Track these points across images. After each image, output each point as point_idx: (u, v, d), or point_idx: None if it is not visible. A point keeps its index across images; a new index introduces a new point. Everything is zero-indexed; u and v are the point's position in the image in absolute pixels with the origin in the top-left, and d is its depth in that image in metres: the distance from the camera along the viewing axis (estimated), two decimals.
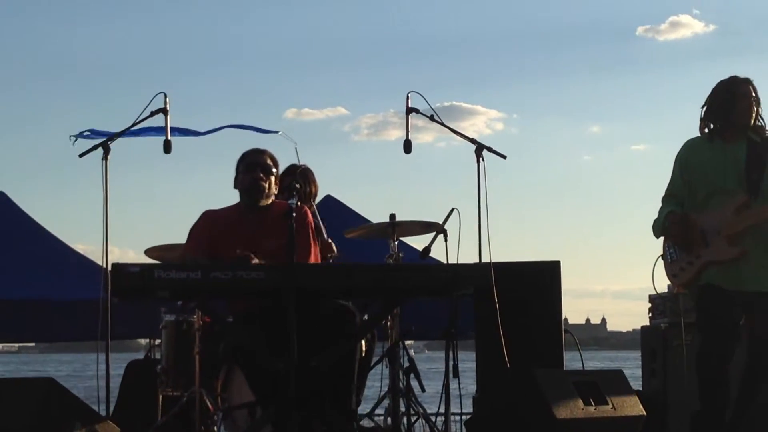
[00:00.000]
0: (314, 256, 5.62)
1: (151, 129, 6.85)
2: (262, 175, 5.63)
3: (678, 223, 5.79)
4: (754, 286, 5.65)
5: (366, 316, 6.24)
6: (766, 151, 5.73)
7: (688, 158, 5.89)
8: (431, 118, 6.47)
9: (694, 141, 5.93)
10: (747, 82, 5.82)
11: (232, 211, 5.72)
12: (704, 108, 5.87)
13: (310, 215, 5.74)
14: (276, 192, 5.75)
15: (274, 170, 5.70)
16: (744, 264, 5.64)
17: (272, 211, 5.61)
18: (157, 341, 7.14)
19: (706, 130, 5.85)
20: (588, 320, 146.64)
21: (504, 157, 6.38)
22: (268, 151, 5.77)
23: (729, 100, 5.78)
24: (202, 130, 7.77)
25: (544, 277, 7.03)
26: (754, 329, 5.68)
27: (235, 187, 5.73)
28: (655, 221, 5.95)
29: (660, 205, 5.98)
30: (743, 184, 5.71)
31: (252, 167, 5.65)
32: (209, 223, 5.65)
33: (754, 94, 5.79)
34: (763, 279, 5.66)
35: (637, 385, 8.25)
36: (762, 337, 5.66)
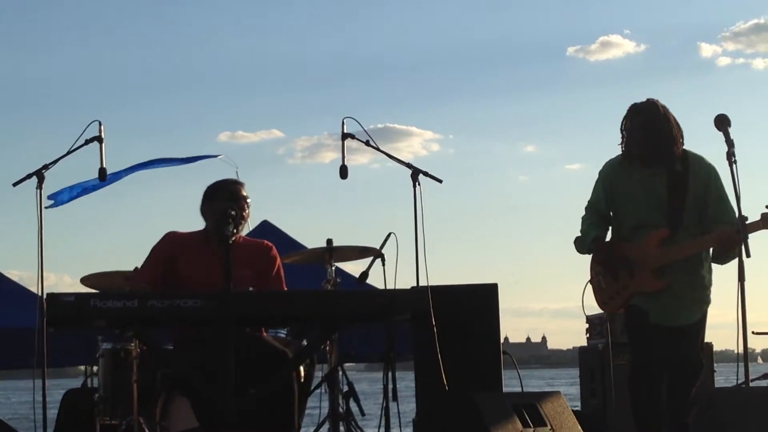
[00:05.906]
0: None
1: (89, 186, 6.86)
2: (244, 206, 5.58)
3: (604, 251, 5.84)
4: (678, 321, 5.68)
5: (304, 341, 6.23)
6: (687, 181, 5.74)
7: (612, 182, 5.88)
8: (366, 143, 6.48)
9: (615, 161, 5.91)
10: (641, 111, 5.76)
11: (199, 237, 5.67)
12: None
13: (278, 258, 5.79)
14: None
15: (249, 201, 5.67)
16: (668, 298, 5.68)
17: (238, 243, 5.51)
18: (95, 368, 7.07)
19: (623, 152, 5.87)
20: (528, 339, 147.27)
21: (440, 181, 6.39)
22: (243, 182, 5.74)
23: (628, 131, 5.80)
24: (137, 164, 7.78)
25: (481, 300, 7.06)
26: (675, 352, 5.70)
27: (204, 213, 5.66)
28: (577, 237, 5.98)
29: (584, 213, 5.98)
30: (665, 216, 5.74)
31: (234, 197, 5.57)
32: (171, 245, 5.61)
33: (648, 122, 5.72)
34: (685, 314, 5.70)
35: (576, 403, 8.32)
36: (676, 359, 5.69)
